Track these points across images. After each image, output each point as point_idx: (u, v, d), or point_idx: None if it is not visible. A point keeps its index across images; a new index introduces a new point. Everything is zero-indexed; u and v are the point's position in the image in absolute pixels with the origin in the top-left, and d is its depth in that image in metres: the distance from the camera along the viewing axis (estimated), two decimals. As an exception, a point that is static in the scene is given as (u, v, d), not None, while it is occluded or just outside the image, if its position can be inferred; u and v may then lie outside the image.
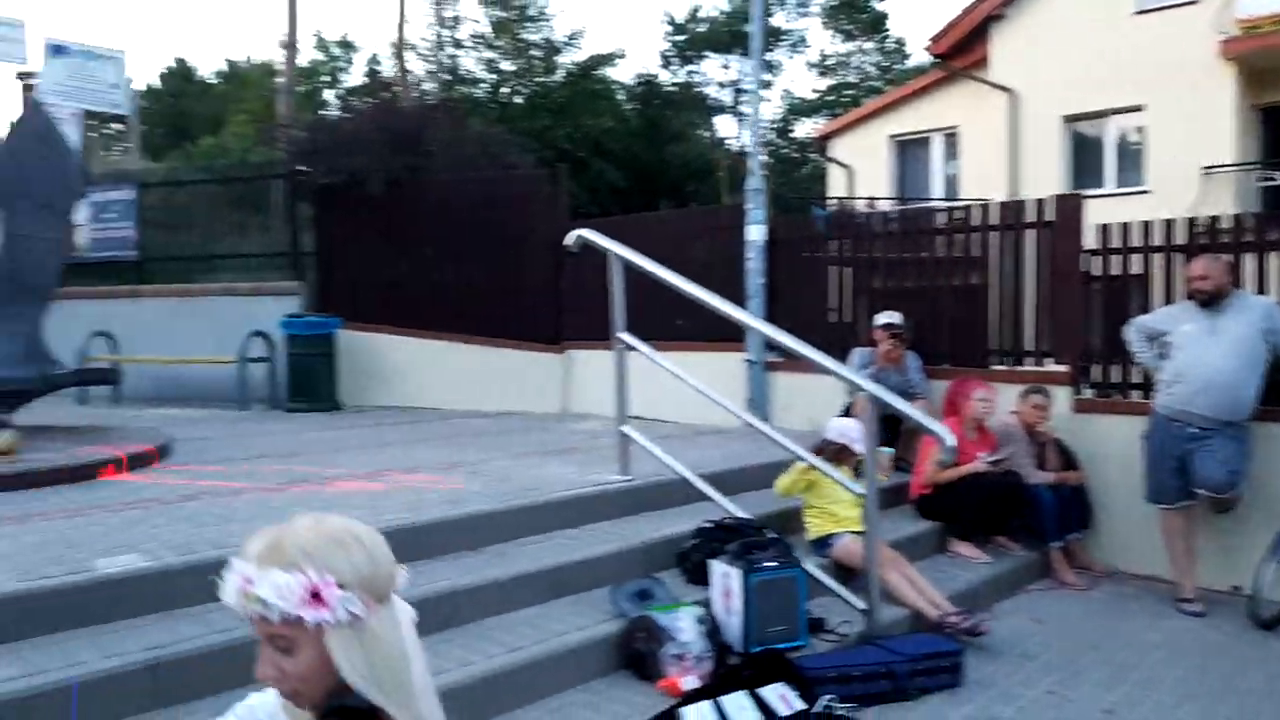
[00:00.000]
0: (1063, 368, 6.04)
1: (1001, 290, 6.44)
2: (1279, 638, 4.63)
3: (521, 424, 7.93)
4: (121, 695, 2.81)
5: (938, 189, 17.54)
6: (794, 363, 7.61)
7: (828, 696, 3.49)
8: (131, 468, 5.32)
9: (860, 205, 14.46)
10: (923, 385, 6.26)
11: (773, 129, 34.51)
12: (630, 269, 5.29)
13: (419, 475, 5.30)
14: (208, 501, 4.50)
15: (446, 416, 8.54)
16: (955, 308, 6.71)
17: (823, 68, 35.87)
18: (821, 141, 20.14)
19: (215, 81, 32.33)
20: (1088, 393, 5.99)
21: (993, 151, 15.65)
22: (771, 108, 34.50)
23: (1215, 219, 5.85)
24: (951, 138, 17.34)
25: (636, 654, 3.62)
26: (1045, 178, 14.18)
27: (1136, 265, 5.98)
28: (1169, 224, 5.82)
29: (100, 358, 9.43)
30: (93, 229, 11.03)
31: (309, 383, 9.08)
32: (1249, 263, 5.56)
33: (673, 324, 8.18)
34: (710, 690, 3.39)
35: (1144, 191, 14.04)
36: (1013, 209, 6.48)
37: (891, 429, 6.46)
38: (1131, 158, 14.91)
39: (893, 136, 18.25)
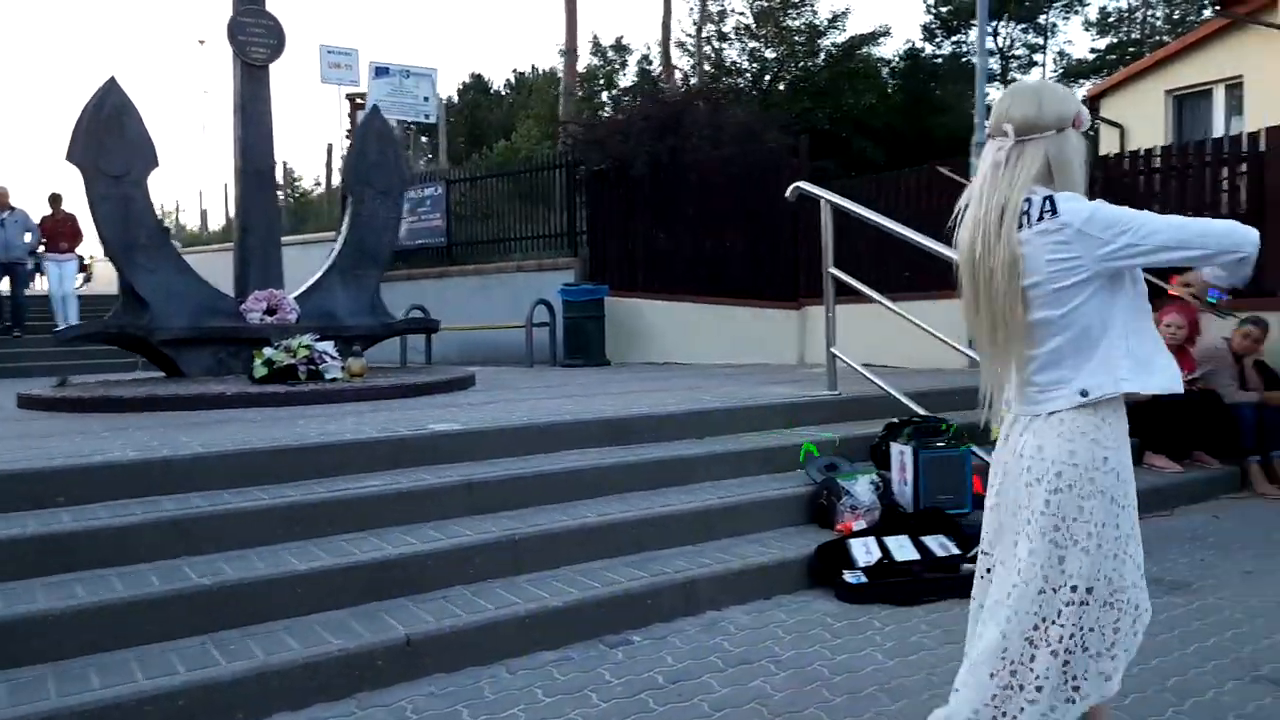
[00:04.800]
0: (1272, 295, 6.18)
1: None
2: None
3: (760, 371, 8.89)
4: (445, 503, 4.08)
5: (1219, 146, 16.51)
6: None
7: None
8: (446, 391, 6.81)
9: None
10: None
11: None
12: (844, 216, 6.11)
13: (664, 395, 6.41)
14: (501, 405, 5.84)
15: (697, 367, 9.65)
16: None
17: (1103, 26, 33.89)
18: (1093, 101, 19.41)
19: (505, 92, 35.62)
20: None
21: (1283, 100, 14.65)
22: (1046, 72, 33.05)
23: None
24: (1235, 89, 16.29)
25: (820, 508, 4.52)
26: (1344, 124, 13.20)
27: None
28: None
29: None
30: (408, 221, 13.16)
31: (582, 342, 10.52)
32: None
33: (901, 276, 8.84)
34: (876, 531, 4.23)
35: None
36: (1216, 145, 6.64)
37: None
38: None
39: (1169, 92, 17.38)
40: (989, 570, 2.29)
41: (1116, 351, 2.08)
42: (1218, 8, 16.52)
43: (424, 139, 24.48)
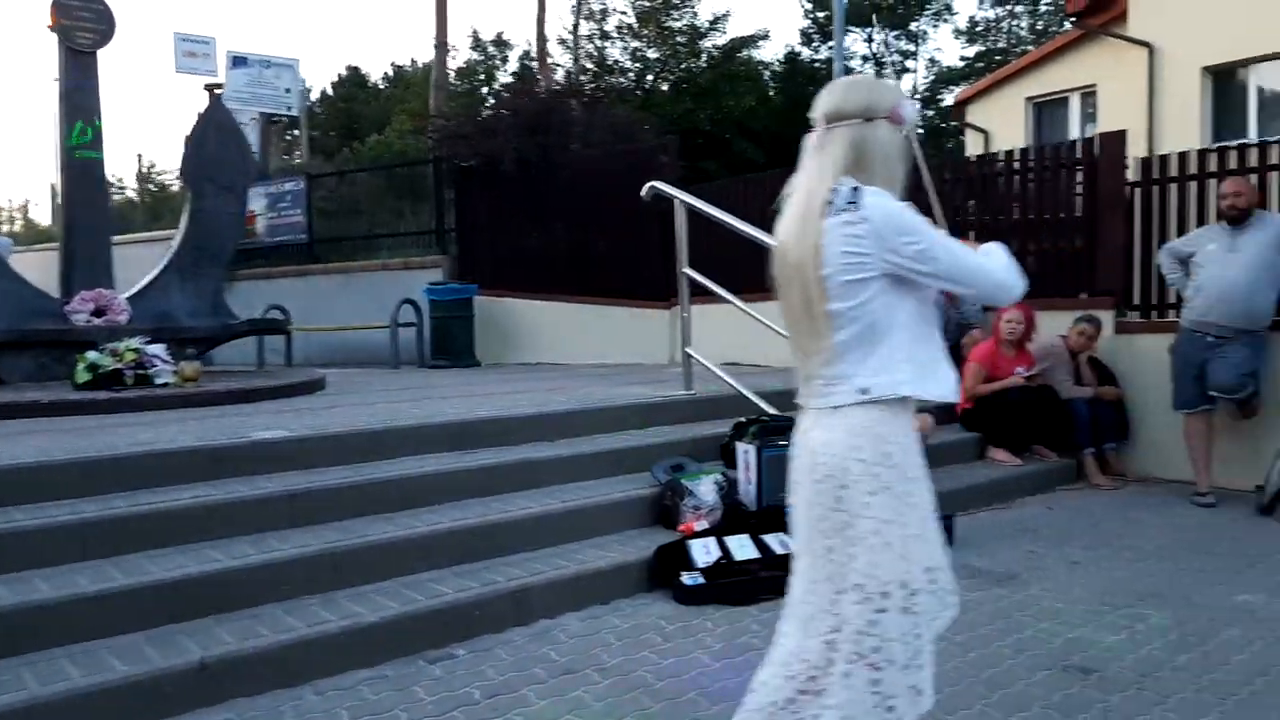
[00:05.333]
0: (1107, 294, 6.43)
1: (1050, 225, 6.86)
2: (1272, 520, 5.01)
3: (630, 370, 8.81)
4: (263, 515, 3.85)
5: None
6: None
7: (819, 543, 4.20)
8: (290, 395, 6.50)
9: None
10: (977, 316, 6.73)
11: (919, 99, 34.16)
12: (698, 217, 6.08)
13: (521, 396, 6.27)
14: (345, 410, 5.60)
15: (568, 368, 9.53)
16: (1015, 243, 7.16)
17: (971, 34, 35.18)
18: (960, 107, 20.10)
19: (383, 86, 34.76)
20: (1131, 315, 6.36)
21: (1132, 108, 15.31)
22: (917, 78, 34.17)
23: (1243, 146, 6.12)
24: (1089, 97, 17.05)
25: (665, 509, 4.45)
26: (1186, 132, 13.90)
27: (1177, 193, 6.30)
28: (1202, 154, 6.14)
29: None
30: (268, 217, 12.66)
31: (449, 342, 10.27)
32: (1275, 185, 5.85)
33: (763, 276, 8.90)
34: (717, 531, 4.19)
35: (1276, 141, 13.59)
36: (1054, 150, 6.89)
37: (953, 359, 7.00)
38: (1276, 106, 14.39)
39: (1029, 99, 18.08)
40: None
41: (898, 354, 2.05)
42: (1074, 19, 17.25)
43: (295, 132, 23.73)
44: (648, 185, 6.34)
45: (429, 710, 2.91)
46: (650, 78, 29.93)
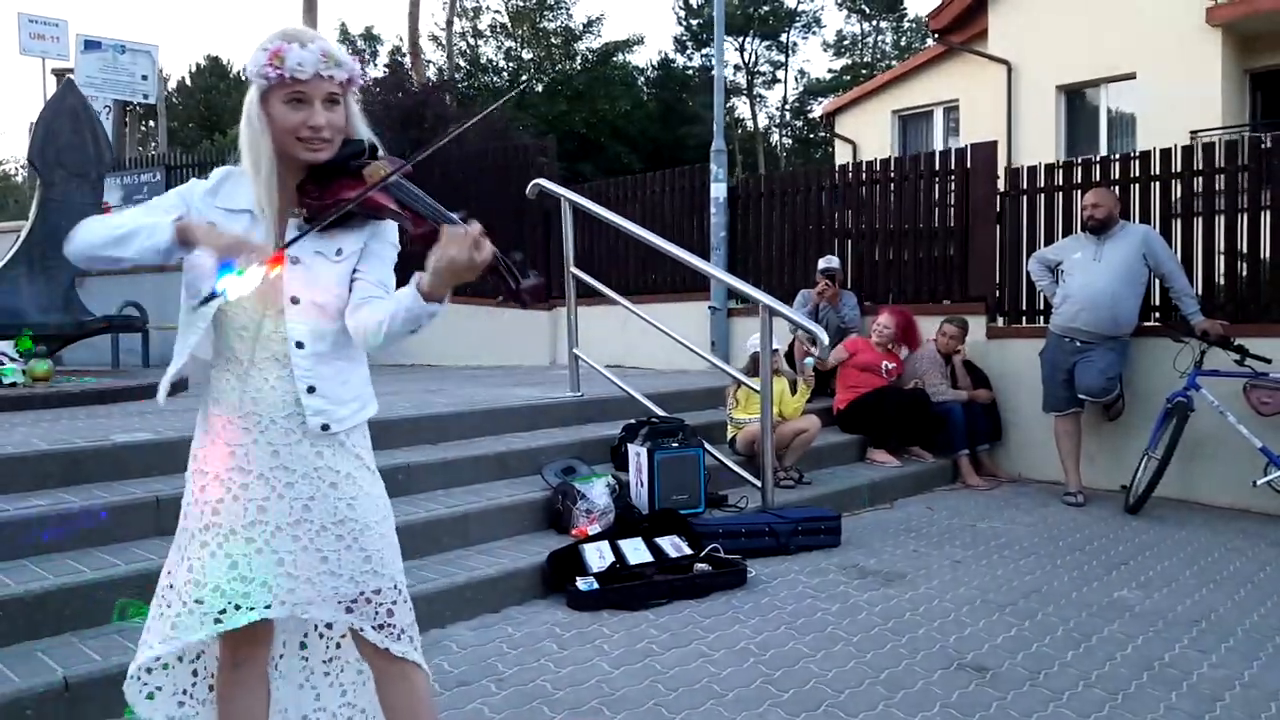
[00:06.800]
0: (979, 300, 6.67)
1: (923, 232, 7.08)
2: (1139, 519, 5.27)
3: (509, 372, 8.67)
4: (137, 518, 3.58)
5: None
6: (749, 308, 8.26)
7: (712, 545, 4.19)
8: (150, 397, 6.10)
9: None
10: (855, 321, 6.89)
11: (789, 109, 35.06)
12: (595, 219, 6.01)
13: (396, 398, 6.05)
14: (213, 412, 5.28)
15: (444, 369, 9.30)
16: (889, 250, 7.35)
17: (838, 48, 36.31)
18: (829, 118, 20.63)
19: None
20: (1001, 320, 6.62)
21: (992, 123, 15.99)
22: (788, 88, 35.00)
23: (1105, 159, 6.45)
24: (952, 111, 17.72)
25: (557, 513, 4.36)
26: (1042, 147, 14.61)
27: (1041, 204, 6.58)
28: (1067, 166, 6.44)
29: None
30: (124, 210, 11.93)
31: (320, 341, 9.82)
32: (1134, 196, 6.17)
33: (648, 278, 8.90)
34: (611, 535, 4.12)
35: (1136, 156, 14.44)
36: (928, 159, 7.12)
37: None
38: (1124, 124, 15.29)
39: (895, 111, 18.67)
40: None
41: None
42: (936, 36, 17.92)
43: (151, 123, 22.56)
44: (533, 183, 6.23)
45: (315, 730, 2.74)
46: (525, 78, 29.74)
